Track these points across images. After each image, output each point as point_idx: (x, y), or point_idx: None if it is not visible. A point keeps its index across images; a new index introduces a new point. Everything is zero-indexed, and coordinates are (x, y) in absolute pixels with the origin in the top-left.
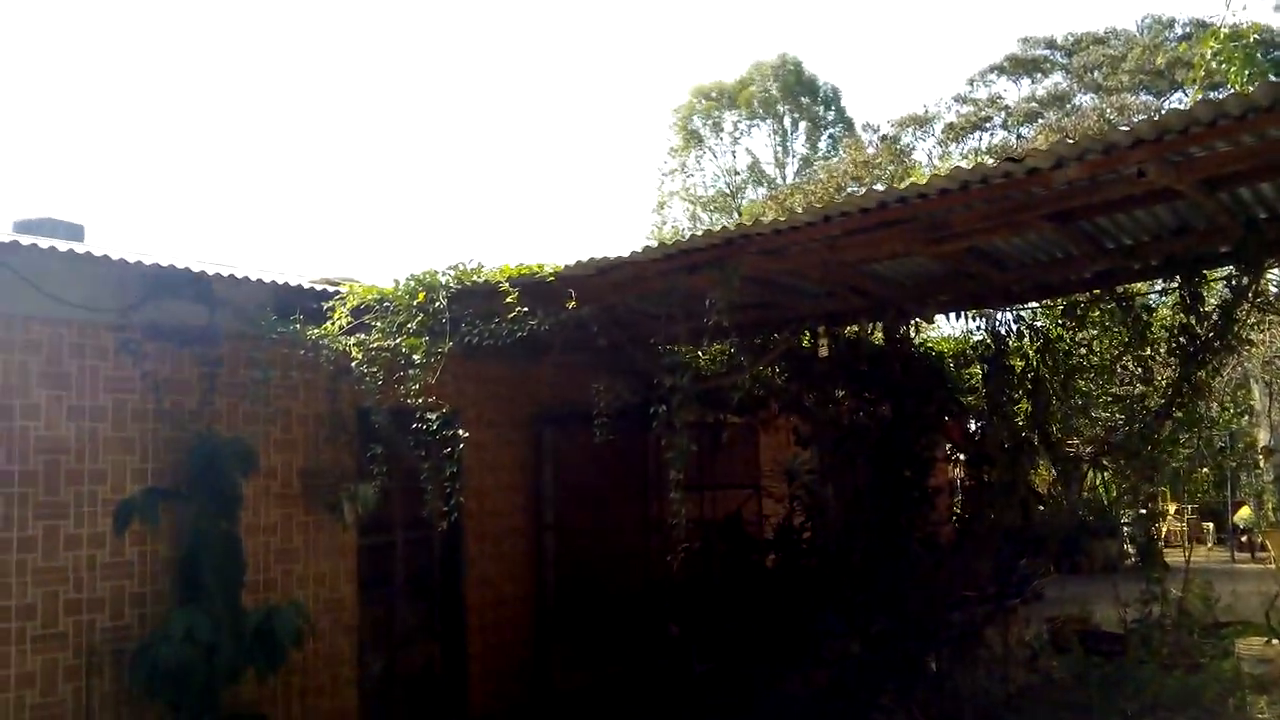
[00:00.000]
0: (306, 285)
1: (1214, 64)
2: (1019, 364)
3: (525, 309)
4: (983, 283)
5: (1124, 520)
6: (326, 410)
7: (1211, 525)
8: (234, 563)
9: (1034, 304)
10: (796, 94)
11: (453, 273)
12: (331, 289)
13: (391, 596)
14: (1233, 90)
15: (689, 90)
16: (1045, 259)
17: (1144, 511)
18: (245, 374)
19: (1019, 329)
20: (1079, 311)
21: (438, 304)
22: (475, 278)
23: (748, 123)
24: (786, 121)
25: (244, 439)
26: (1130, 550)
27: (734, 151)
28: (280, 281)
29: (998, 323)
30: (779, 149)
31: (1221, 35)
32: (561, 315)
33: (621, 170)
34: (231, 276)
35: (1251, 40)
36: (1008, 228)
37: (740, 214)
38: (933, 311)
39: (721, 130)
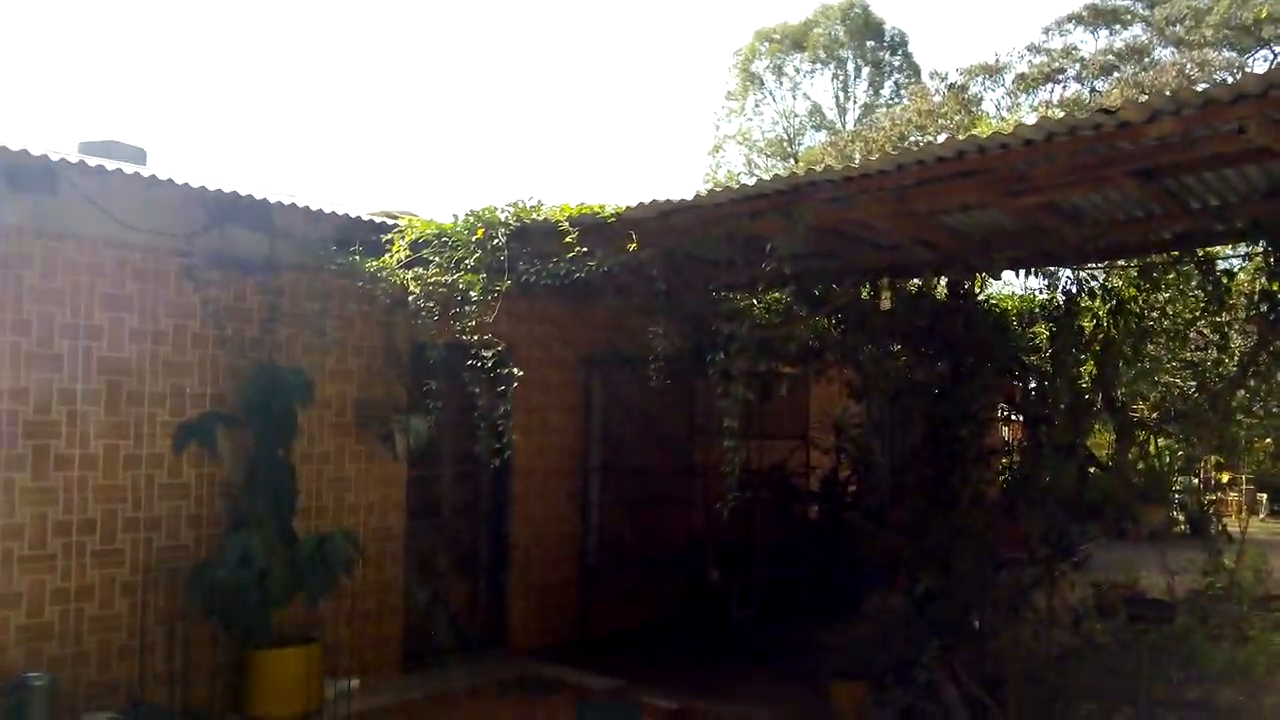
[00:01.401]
0: (365, 217)
1: None
2: (1089, 325)
3: (584, 249)
4: (1056, 239)
5: (1176, 489)
6: (381, 343)
7: (1265, 496)
8: (288, 489)
9: (1107, 263)
10: (863, 38)
11: (511, 210)
12: (390, 222)
13: (438, 529)
14: None
15: (752, 33)
16: (1124, 217)
17: (1197, 480)
18: (304, 305)
19: (1091, 288)
20: (1155, 273)
21: (496, 241)
22: (535, 215)
23: (810, 66)
24: (850, 66)
25: (302, 369)
26: (1180, 519)
27: (794, 95)
28: (340, 213)
29: (1068, 281)
30: (840, 94)
31: None
32: (621, 257)
33: (679, 112)
34: (293, 205)
35: None
36: (1089, 183)
37: (798, 160)
38: (1001, 267)
39: (783, 74)
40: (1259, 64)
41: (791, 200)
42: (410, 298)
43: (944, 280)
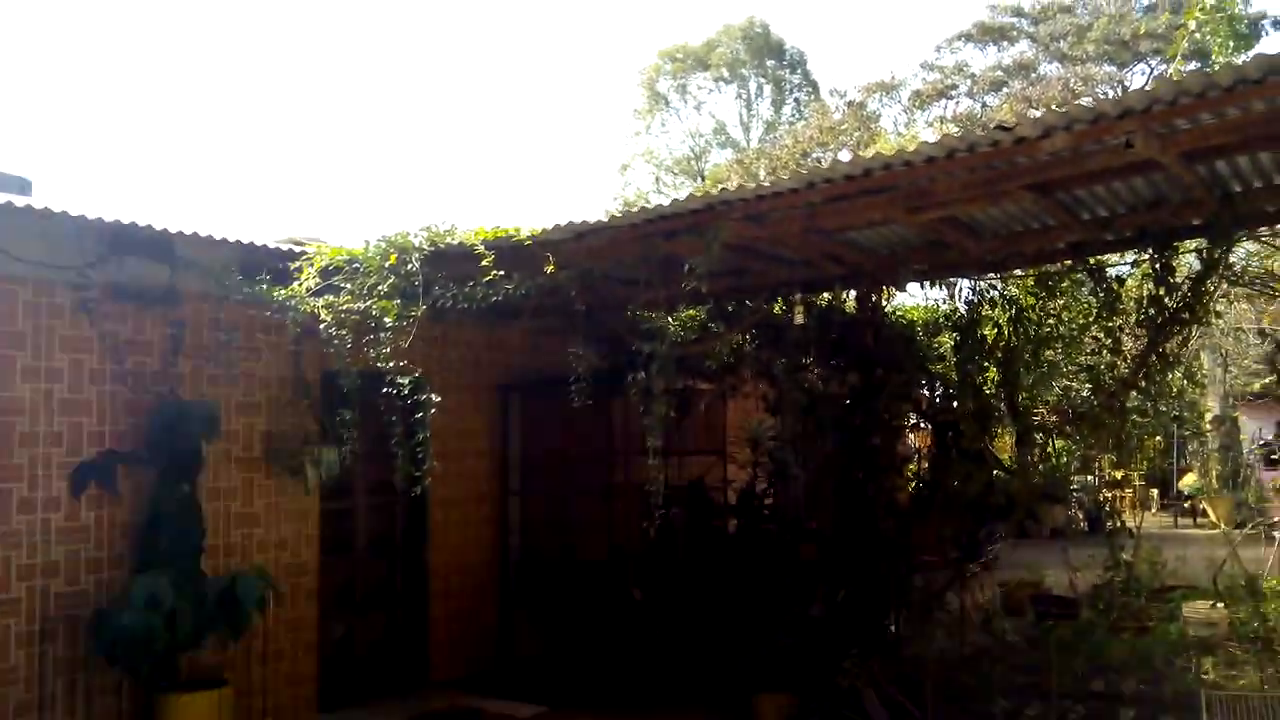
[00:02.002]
0: (273, 245)
1: (1198, 35)
2: (991, 333)
3: (501, 272)
4: (958, 252)
5: (1074, 488)
6: (289, 373)
7: (1156, 491)
8: (194, 528)
9: (1005, 273)
10: (763, 57)
11: (425, 234)
12: (298, 249)
13: (354, 561)
14: (1218, 62)
15: (655, 52)
16: (1020, 229)
17: (1093, 479)
18: (209, 336)
19: (991, 298)
20: (1050, 282)
21: (410, 266)
22: (449, 239)
23: (714, 85)
24: (752, 85)
25: (207, 402)
26: (1079, 516)
27: (699, 113)
28: (245, 241)
29: (970, 291)
30: (744, 111)
31: (1206, 6)
32: (538, 279)
33: (586, 131)
34: (195, 235)
35: (1235, 11)
36: (988, 197)
37: (705, 178)
38: (906, 280)
39: (687, 92)
40: (1138, 77)
41: (706, 220)
42: (322, 325)
43: (852, 294)
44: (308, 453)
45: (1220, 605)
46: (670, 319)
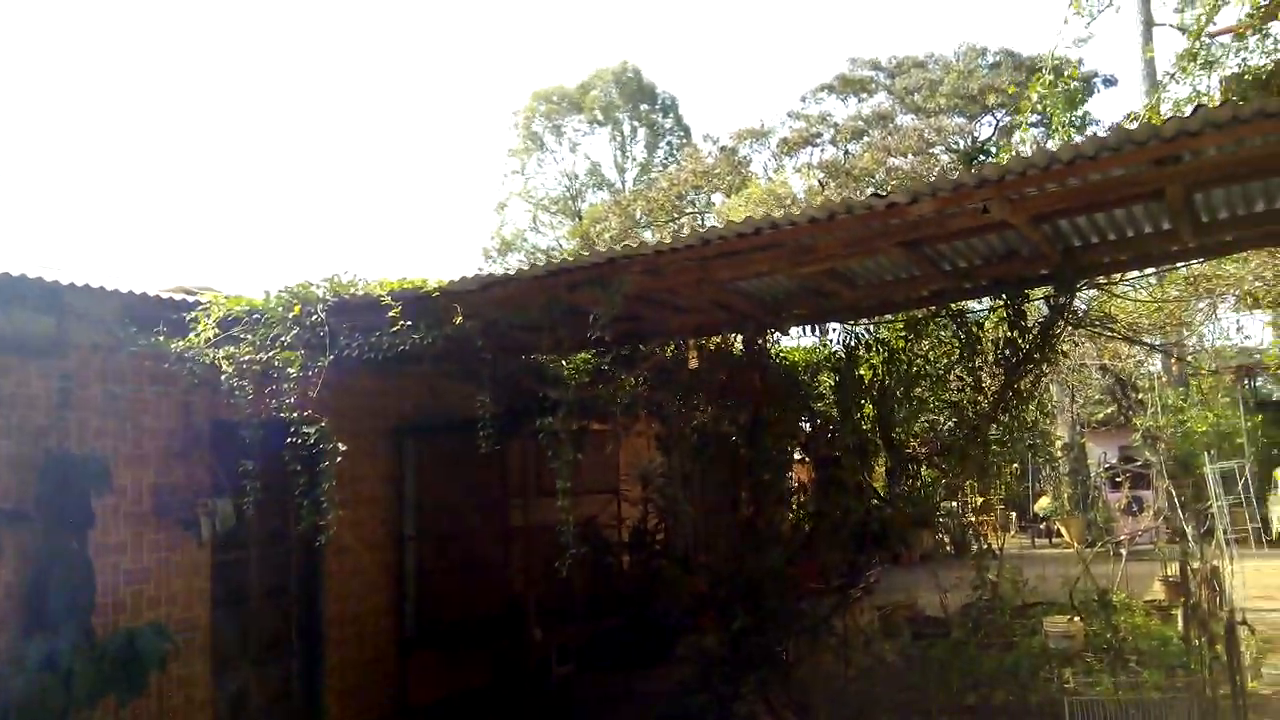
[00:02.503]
0: (165, 295)
1: (1040, 106)
2: (867, 373)
3: (409, 323)
4: (835, 299)
5: (940, 514)
6: (180, 424)
7: (1014, 514)
8: (86, 586)
9: (878, 318)
10: (636, 101)
11: (327, 285)
12: (190, 299)
13: (248, 613)
14: (1057, 127)
15: (530, 94)
16: (891, 279)
17: (957, 505)
18: (97, 387)
19: (866, 341)
20: (918, 326)
21: (315, 317)
22: (353, 290)
23: (588, 127)
24: (626, 128)
25: (98, 456)
26: (945, 541)
27: (574, 154)
28: (134, 291)
29: (847, 335)
30: (619, 154)
31: (1047, 81)
32: (446, 330)
33: (461, 171)
34: (86, 286)
35: (1073, 86)
36: (863, 252)
37: (581, 217)
38: (789, 325)
39: (562, 134)
40: (984, 128)
41: (608, 272)
42: (223, 377)
43: (739, 338)
44: (203, 505)
45: (1076, 619)
46: (564, 363)
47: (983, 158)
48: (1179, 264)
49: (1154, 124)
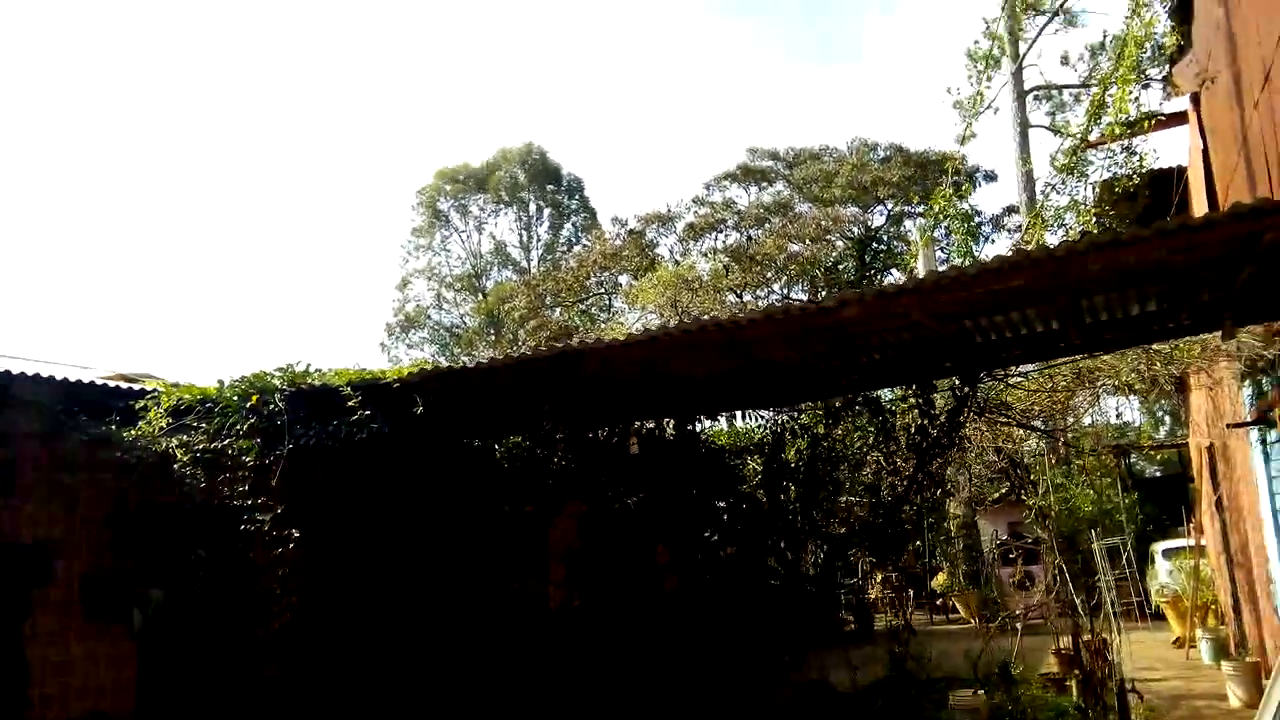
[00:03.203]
0: (101, 381)
1: (939, 220)
2: (791, 455)
3: (367, 412)
4: (761, 388)
5: (844, 591)
6: (112, 511)
7: (911, 591)
8: (22, 677)
9: (802, 406)
10: (542, 181)
11: (282, 375)
12: (134, 386)
13: (182, 703)
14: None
15: (434, 172)
16: (813, 369)
17: (859, 582)
18: (34, 475)
19: (791, 426)
20: (837, 412)
21: (273, 406)
22: (309, 380)
23: (494, 206)
24: (532, 208)
25: (39, 544)
26: (849, 618)
27: (479, 233)
28: (74, 379)
29: (771, 421)
30: (524, 233)
31: (947, 195)
32: (404, 419)
33: (364, 248)
34: (22, 374)
35: (966, 208)
36: (795, 349)
37: (487, 295)
38: (718, 412)
39: (468, 213)
40: (877, 218)
41: (561, 366)
42: (175, 465)
43: (671, 423)
44: (133, 594)
45: (981, 692)
46: (494, 445)
47: (874, 245)
48: (1065, 359)
49: (1049, 246)
